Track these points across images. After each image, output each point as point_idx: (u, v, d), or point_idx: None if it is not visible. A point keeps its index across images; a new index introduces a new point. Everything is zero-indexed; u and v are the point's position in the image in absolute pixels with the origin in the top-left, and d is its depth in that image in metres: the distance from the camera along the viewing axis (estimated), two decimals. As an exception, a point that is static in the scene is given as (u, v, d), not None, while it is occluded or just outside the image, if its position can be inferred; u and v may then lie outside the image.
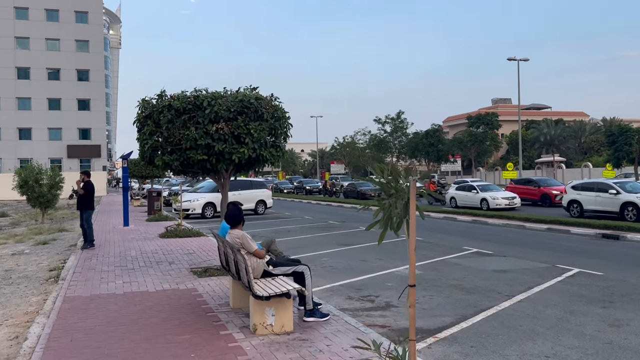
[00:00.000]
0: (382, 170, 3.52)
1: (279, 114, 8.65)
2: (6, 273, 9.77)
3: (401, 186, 3.45)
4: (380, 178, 3.57)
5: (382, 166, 3.54)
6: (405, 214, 3.42)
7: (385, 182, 3.50)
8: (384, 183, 3.53)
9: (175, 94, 8.33)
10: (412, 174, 3.47)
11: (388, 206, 3.49)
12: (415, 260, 9.36)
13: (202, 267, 9.52)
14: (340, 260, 11.15)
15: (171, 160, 8.24)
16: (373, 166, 3.60)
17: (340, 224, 20.10)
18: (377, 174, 3.55)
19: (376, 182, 3.58)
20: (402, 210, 3.40)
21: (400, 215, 3.42)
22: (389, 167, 3.58)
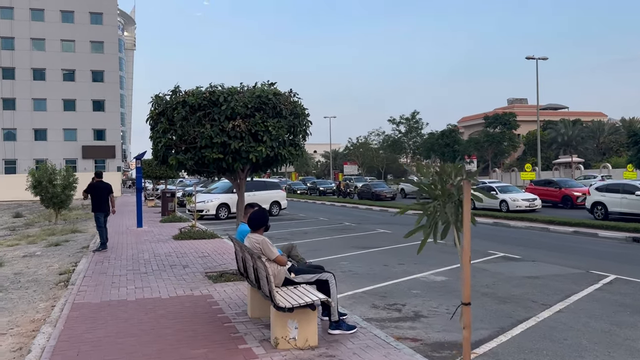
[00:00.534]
0: (426, 170, 3.04)
1: (298, 110, 8.20)
2: (16, 277, 9.45)
3: (449, 187, 2.97)
4: (423, 178, 3.09)
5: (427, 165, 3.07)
6: (456, 219, 2.93)
7: (430, 183, 3.03)
8: (428, 184, 3.05)
9: (190, 90, 7.92)
10: (462, 172, 2.99)
11: (433, 210, 3.01)
12: (440, 266, 8.82)
13: (217, 271, 9.11)
14: (360, 264, 10.66)
15: (185, 160, 7.83)
16: (418, 167, 3.11)
17: (356, 225, 19.61)
18: (421, 174, 3.07)
19: (418, 183, 3.10)
20: (453, 214, 2.92)
21: (453, 220, 2.94)
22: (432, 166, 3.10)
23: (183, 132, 7.74)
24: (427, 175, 3.00)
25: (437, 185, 2.95)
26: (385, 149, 68.53)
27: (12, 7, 53.35)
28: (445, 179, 2.94)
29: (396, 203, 32.31)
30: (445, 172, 2.94)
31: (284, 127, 7.87)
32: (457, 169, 2.90)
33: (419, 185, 3.06)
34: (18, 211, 29.42)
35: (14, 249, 13.62)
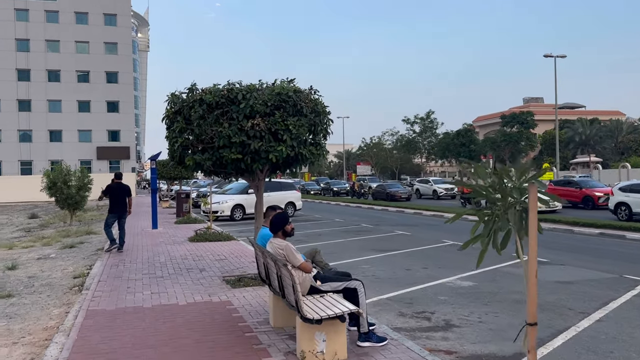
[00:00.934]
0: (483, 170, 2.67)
1: (319, 108, 7.86)
2: (29, 280, 9.23)
3: (511, 189, 2.60)
4: (476, 179, 2.72)
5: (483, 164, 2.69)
6: (520, 227, 2.57)
7: (488, 185, 2.66)
8: (484, 186, 2.68)
9: (207, 88, 7.63)
10: (527, 172, 2.61)
11: (492, 217, 2.65)
12: (466, 270, 8.37)
13: (235, 275, 8.81)
14: (382, 268, 10.29)
15: (203, 160, 7.53)
16: (475, 167, 2.73)
17: (373, 227, 19.22)
18: (475, 174, 2.70)
19: (471, 185, 2.73)
20: (517, 222, 2.55)
21: (516, 228, 2.57)
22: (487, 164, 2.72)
23: (200, 131, 7.45)
24: (483, 175, 2.63)
25: (496, 188, 2.58)
26: (399, 149, 67.93)
27: (27, 9, 53.74)
28: (506, 180, 2.57)
29: (412, 204, 31.83)
30: (506, 173, 2.57)
31: (305, 125, 7.54)
32: (522, 168, 2.52)
33: (474, 188, 2.70)
34: (34, 212, 29.49)
35: (28, 251, 13.48)
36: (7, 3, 53.02)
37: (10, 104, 53.18)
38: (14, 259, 11.92)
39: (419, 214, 25.27)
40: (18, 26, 53.24)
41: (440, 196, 40.04)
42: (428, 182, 42.95)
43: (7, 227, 21.95)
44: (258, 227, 8.47)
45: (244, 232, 17.51)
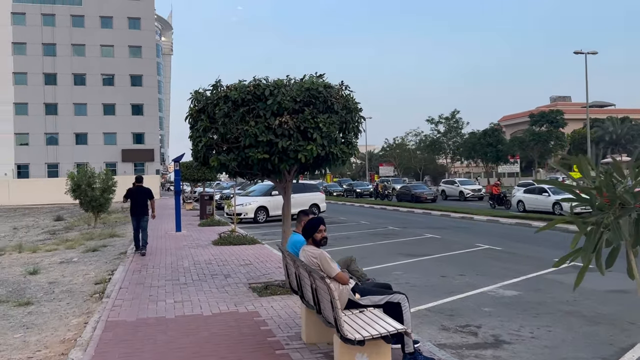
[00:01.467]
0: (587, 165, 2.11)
1: (350, 104, 7.35)
2: (50, 286, 8.94)
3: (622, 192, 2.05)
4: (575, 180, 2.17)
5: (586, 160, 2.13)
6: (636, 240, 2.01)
7: (593, 187, 2.10)
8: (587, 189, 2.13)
9: (233, 84, 7.18)
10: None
11: (596, 227, 2.09)
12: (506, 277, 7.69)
13: (262, 282, 8.35)
14: (415, 275, 9.71)
15: (228, 161, 7.08)
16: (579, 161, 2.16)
17: (401, 230, 18.61)
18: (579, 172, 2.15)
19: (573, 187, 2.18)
20: (630, 233, 2.00)
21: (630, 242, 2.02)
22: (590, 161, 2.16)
23: (225, 130, 7.00)
24: (588, 175, 2.07)
25: (604, 191, 2.03)
26: (423, 149, 66.91)
27: (53, 14, 54.57)
28: (616, 182, 2.02)
29: (437, 205, 31.04)
30: (619, 172, 2.01)
31: (336, 123, 7.03)
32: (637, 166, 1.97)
33: (572, 191, 2.14)
34: (59, 214, 29.65)
35: (52, 255, 13.29)
36: (34, 8, 53.94)
37: (38, 108, 54.04)
38: (36, 263, 11.70)
39: (446, 216, 24.53)
40: (45, 31, 54.09)
41: (467, 197, 39.10)
42: (454, 183, 42.02)
43: (33, 230, 22.00)
44: (286, 232, 8.00)
45: (268, 235, 17.10)
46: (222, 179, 54.57)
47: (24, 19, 53.70)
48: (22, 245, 15.30)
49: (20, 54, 53.49)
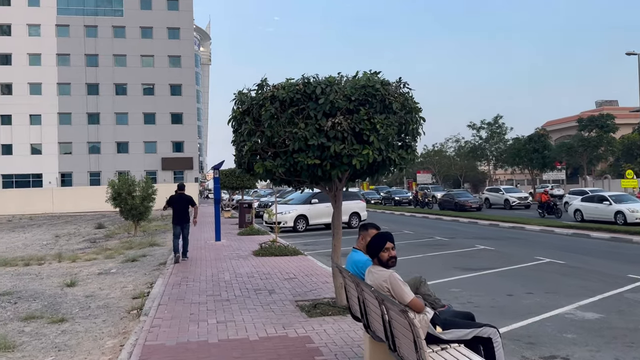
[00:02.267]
0: None
1: (409, 104, 6.59)
2: (86, 300, 8.49)
3: None
4: None
5: None
6: None
7: None
8: None
9: (280, 83, 6.55)
10: None
11: None
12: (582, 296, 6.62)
13: (310, 300, 7.65)
14: (476, 292, 8.81)
15: (274, 167, 6.43)
16: None
17: (449, 240, 17.61)
18: None
19: None
20: None
21: None
22: None
23: (272, 133, 6.36)
24: None
25: None
26: (463, 155, 65.11)
27: (96, 26, 55.94)
28: None
29: (483, 214, 29.72)
30: None
31: (394, 124, 6.29)
32: None
33: None
34: (100, 222, 29.89)
35: (90, 265, 13.00)
36: (77, 20, 55.45)
37: (81, 117, 55.36)
38: (75, 274, 11.38)
39: (494, 225, 23.32)
40: (87, 42, 55.48)
41: (513, 206, 37.50)
42: (499, 191, 40.42)
43: (74, 238, 22.06)
44: (336, 245, 7.28)
45: (310, 245, 16.44)
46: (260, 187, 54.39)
47: (67, 30, 55.24)
48: (61, 254, 15.14)
49: (64, 64, 54.99)
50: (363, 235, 4.80)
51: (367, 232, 4.75)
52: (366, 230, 4.79)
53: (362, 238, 4.81)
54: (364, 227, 4.88)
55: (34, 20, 54.59)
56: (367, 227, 4.82)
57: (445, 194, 39.51)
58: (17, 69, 53.93)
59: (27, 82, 54.17)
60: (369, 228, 4.80)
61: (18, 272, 12.03)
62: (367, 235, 4.70)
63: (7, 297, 8.89)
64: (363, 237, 4.78)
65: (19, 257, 14.89)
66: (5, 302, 8.48)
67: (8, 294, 9.10)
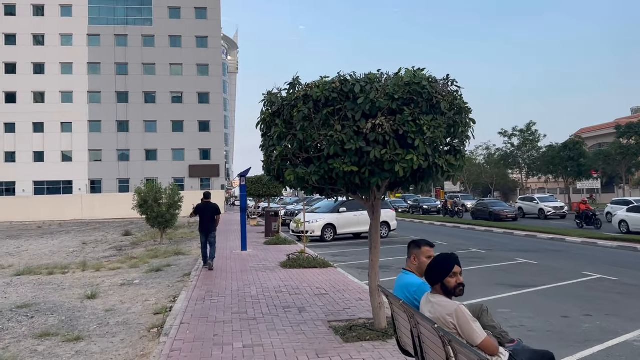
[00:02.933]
0: None
1: (458, 104, 5.89)
2: (105, 315, 8.00)
3: None
4: None
5: None
6: None
7: None
8: None
9: (314, 82, 5.93)
10: None
11: None
12: None
13: (344, 320, 6.98)
14: (527, 313, 7.98)
15: (307, 174, 5.80)
16: None
17: (486, 252, 16.67)
18: None
19: None
20: None
21: None
22: None
23: (305, 136, 5.74)
24: None
25: None
26: (493, 163, 63.51)
27: (126, 35, 56.72)
28: None
29: (518, 224, 28.50)
30: None
31: (443, 127, 5.60)
32: None
33: None
34: (128, 229, 29.81)
35: (114, 274, 12.60)
36: (108, 30, 56.33)
37: (110, 125, 56.06)
38: (97, 285, 10.96)
39: (531, 236, 22.20)
40: (118, 51, 56.25)
41: (548, 216, 36.07)
42: (533, 200, 38.98)
43: (101, 245, 21.88)
44: (374, 261, 6.60)
45: (339, 257, 15.76)
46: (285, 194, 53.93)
47: (98, 40, 56.15)
48: (86, 263, 14.83)
49: (94, 73, 55.86)
50: (415, 255, 4.11)
51: (420, 250, 4.07)
52: (419, 249, 4.11)
53: (413, 258, 4.12)
54: (415, 244, 4.19)
55: (67, 30, 55.68)
56: (420, 245, 4.13)
57: (479, 202, 38.23)
58: (50, 78, 55.02)
59: (59, 91, 55.19)
60: (422, 245, 4.11)
61: (41, 282, 11.70)
62: (421, 254, 4.02)
63: (25, 309, 8.48)
64: (415, 256, 4.10)
65: (44, 266, 14.65)
66: (23, 315, 8.06)
67: (27, 306, 8.70)
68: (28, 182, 54.30)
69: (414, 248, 4.17)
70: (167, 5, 57.45)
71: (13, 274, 13.16)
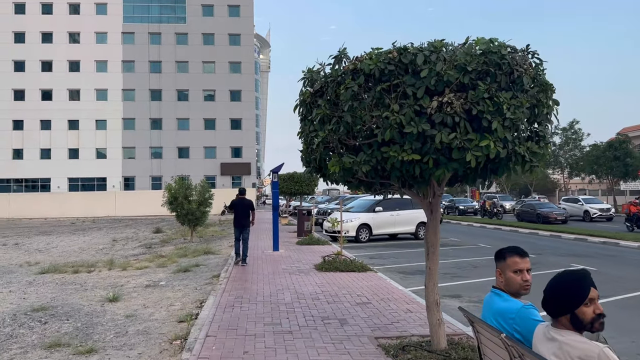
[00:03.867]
0: None
1: (542, 80, 4.81)
2: (125, 322, 7.21)
3: None
4: None
5: None
6: None
7: None
8: None
9: (365, 54, 4.94)
10: None
11: None
12: None
13: (394, 337, 5.98)
14: (609, 332, 6.79)
15: (356, 164, 4.82)
16: None
17: (537, 257, 15.34)
18: None
19: None
20: None
21: None
22: None
23: (353, 119, 4.77)
24: None
25: None
26: (532, 163, 61.02)
27: (159, 33, 56.91)
28: None
29: (565, 227, 26.79)
30: None
31: (525, 106, 4.53)
32: None
33: None
34: (159, 226, 29.46)
35: (140, 274, 11.92)
36: (142, 28, 56.62)
37: (144, 123, 56.33)
38: (121, 286, 10.27)
39: (581, 240, 20.69)
40: (151, 49, 56.49)
41: (593, 218, 34.10)
42: (577, 201, 36.98)
43: (131, 242, 21.45)
44: (433, 270, 5.56)
45: (375, 259, 14.74)
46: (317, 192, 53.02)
47: (132, 38, 56.50)
48: (113, 261, 14.25)
49: (128, 71, 56.23)
50: (500, 269, 3.08)
51: (505, 262, 3.04)
52: (503, 260, 3.07)
53: (498, 273, 3.09)
54: (499, 255, 3.15)
55: (102, 28, 56.23)
56: (504, 255, 3.08)
57: (525, 204, 36.43)
58: (85, 76, 55.65)
59: (94, 88, 55.77)
60: (508, 256, 3.07)
61: (64, 281, 11.09)
62: (506, 268, 3.00)
63: (40, 313, 7.79)
64: (500, 270, 3.07)
65: (70, 263, 14.14)
66: (36, 320, 7.35)
67: (43, 310, 8.01)
68: (63, 179, 55.05)
69: (498, 260, 3.13)
70: (201, 3, 57.38)
71: (38, 271, 12.65)
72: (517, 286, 2.99)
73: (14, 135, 54.92)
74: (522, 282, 2.99)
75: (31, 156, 55.10)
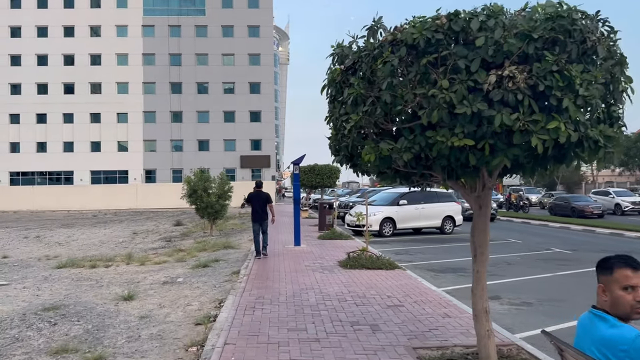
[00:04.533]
0: None
1: (616, 51, 4.06)
2: (139, 324, 6.69)
3: None
4: None
5: None
6: None
7: None
8: None
9: (408, 22, 4.24)
10: None
11: None
12: None
13: (433, 347, 5.32)
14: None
15: (396, 151, 4.14)
16: None
17: (573, 253, 14.51)
18: None
19: None
20: None
21: None
22: None
23: (393, 99, 4.09)
24: None
25: None
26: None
27: (179, 26, 56.61)
28: None
29: (599, 221, 25.66)
30: None
31: (599, 82, 3.80)
32: None
33: None
34: (179, 219, 29.21)
35: (158, 270, 11.47)
36: (162, 21, 56.40)
37: (164, 116, 56.25)
38: (137, 282, 9.81)
39: (617, 235, 19.70)
40: (171, 42, 56.28)
41: (625, 211, 32.81)
42: (608, 194, 35.64)
43: (151, 235, 21.15)
44: (481, 273, 4.86)
45: (402, 255, 14.06)
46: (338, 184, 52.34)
47: (153, 30, 56.32)
48: (132, 255, 13.85)
49: (149, 64, 56.11)
50: (604, 284, 2.39)
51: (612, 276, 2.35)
52: (610, 274, 2.37)
53: (601, 289, 2.39)
54: (604, 266, 2.45)
55: (122, 21, 56.15)
56: (612, 267, 2.38)
57: (559, 197, 35.21)
58: (106, 69, 55.71)
59: (115, 82, 55.82)
60: (615, 267, 2.38)
61: (79, 277, 10.69)
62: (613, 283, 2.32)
63: (51, 313, 7.32)
64: (604, 286, 2.39)
65: (88, 257, 13.80)
66: (45, 321, 6.88)
67: (54, 309, 7.55)
68: (85, 172, 55.36)
69: (602, 272, 2.42)
70: (220, -5, 56.95)
71: (55, 266, 12.32)
72: (627, 308, 2.29)
73: (38, 129, 55.40)
74: (635, 303, 2.29)
75: (54, 149, 55.52)
